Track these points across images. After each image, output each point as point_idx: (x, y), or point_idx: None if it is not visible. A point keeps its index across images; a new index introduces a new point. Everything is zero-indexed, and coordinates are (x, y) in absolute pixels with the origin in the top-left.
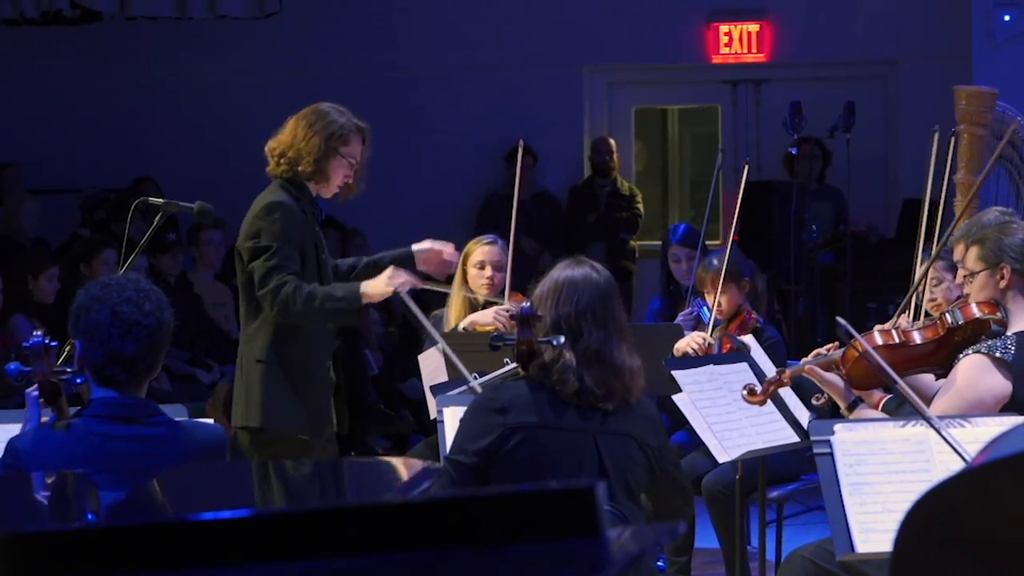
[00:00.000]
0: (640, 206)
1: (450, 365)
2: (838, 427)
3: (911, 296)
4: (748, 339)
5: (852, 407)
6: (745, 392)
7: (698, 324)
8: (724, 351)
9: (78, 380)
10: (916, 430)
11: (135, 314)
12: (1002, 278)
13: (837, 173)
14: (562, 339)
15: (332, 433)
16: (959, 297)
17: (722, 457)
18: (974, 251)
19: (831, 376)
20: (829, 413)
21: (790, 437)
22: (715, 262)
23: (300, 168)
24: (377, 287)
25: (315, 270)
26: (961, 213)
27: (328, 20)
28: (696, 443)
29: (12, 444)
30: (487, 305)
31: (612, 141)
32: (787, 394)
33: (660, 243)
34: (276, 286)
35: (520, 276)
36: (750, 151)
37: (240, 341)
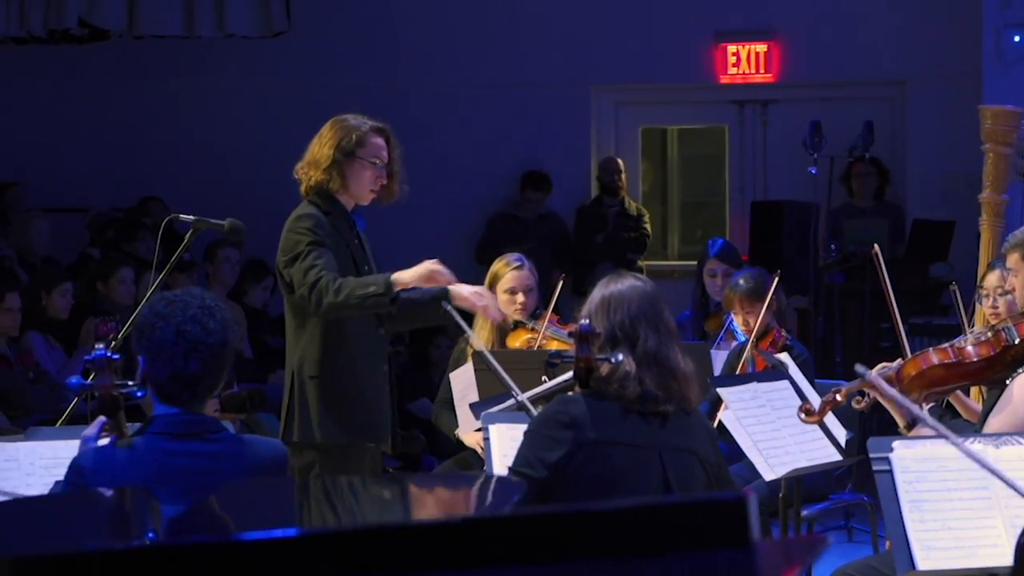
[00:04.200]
0: (648, 226)
1: (484, 381)
2: (897, 444)
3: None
4: (783, 357)
5: (911, 425)
6: (803, 413)
7: (729, 338)
8: (758, 369)
9: (139, 394)
10: (975, 447)
11: (199, 333)
12: None
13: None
14: (620, 356)
15: (388, 441)
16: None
17: (768, 475)
18: (1017, 256)
19: (894, 392)
20: (867, 417)
21: (833, 455)
22: (741, 282)
23: (323, 180)
24: (416, 272)
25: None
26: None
27: (335, 39)
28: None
29: (76, 462)
30: (517, 326)
31: (620, 161)
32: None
33: (664, 263)
34: (312, 283)
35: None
36: (756, 171)
37: (288, 356)
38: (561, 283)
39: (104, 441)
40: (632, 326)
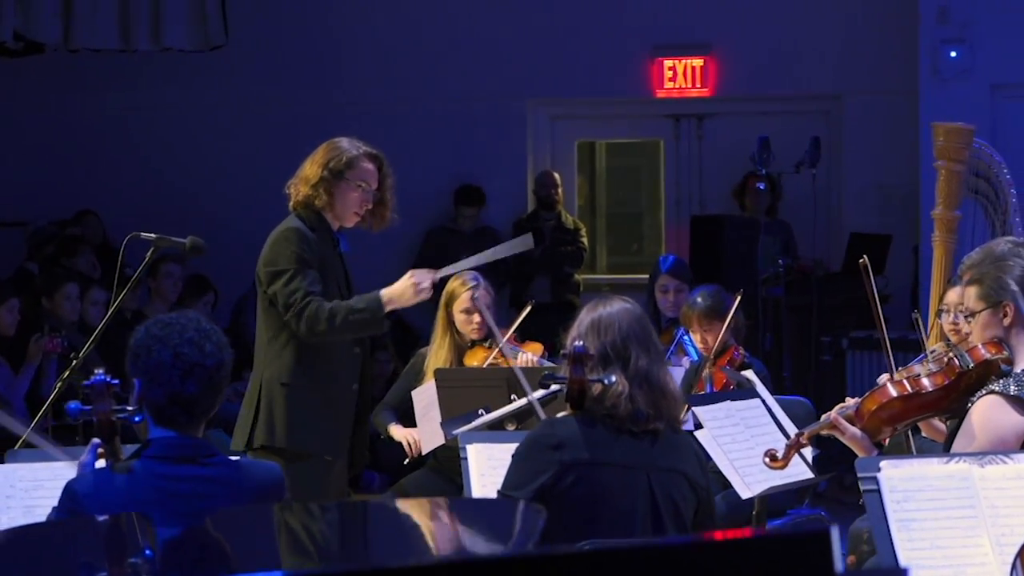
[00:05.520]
0: (584, 240)
1: (447, 399)
2: (884, 464)
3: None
4: (749, 374)
5: None
6: (767, 459)
7: (679, 353)
8: (718, 387)
9: (136, 419)
10: (960, 467)
11: (196, 355)
12: (1005, 315)
13: (786, 206)
14: (613, 378)
15: (346, 459)
16: None
17: (745, 493)
18: (973, 291)
19: (853, 430)
20: None
21: (805, 473)
22: (699, 300)
23: (310, 196)
24: (404, 294)
25: (337, 296)
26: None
27: (273, 54)
28: None
29: (71, 487)
30: (474, 345)
31: (556, 175)
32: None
33: (600, 276)
34: (300, 308)
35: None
36: (692, 186)
37: (257, 362)
38: (529, 307)
39: (100, 464)
40: (624, 345)
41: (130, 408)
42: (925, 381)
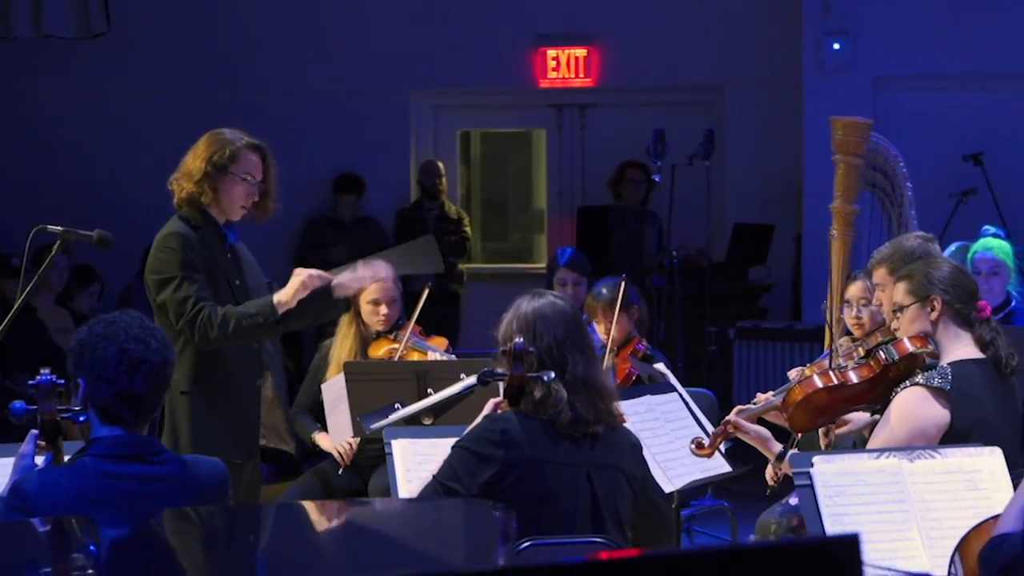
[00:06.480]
0: (468, 229)
1: (356, 392)
2: (817, 459)
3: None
4: (660, 367)
5: (780, 458)
6: (694, 446)
7: None
8: (620, 380)
9: (81, 419)
10: (890, 462)
11: (143, 352)
12: (933, 309)
13: (660, 198)
14: (552, 374)
15: (259, 457)
16: (885, 322)
17: (667, 487)
18: (902, 286)
19: (756, 429)
20: None
21: (724, 466)
22: (604, 291)
23: (194, 193)
24: (290, 291)
25: (228, 295)
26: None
27: (155, 42)
28: None
29: (18, 486)
30: (379, 336)
31: (440, 164)
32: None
33: (481, 266)
34: (192, 316)
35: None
36: (575, 175)
37: None
38: (427, 293)
39: (40, 460)
40: (560, 352)
41: (76, 408)
42: (851, 374)
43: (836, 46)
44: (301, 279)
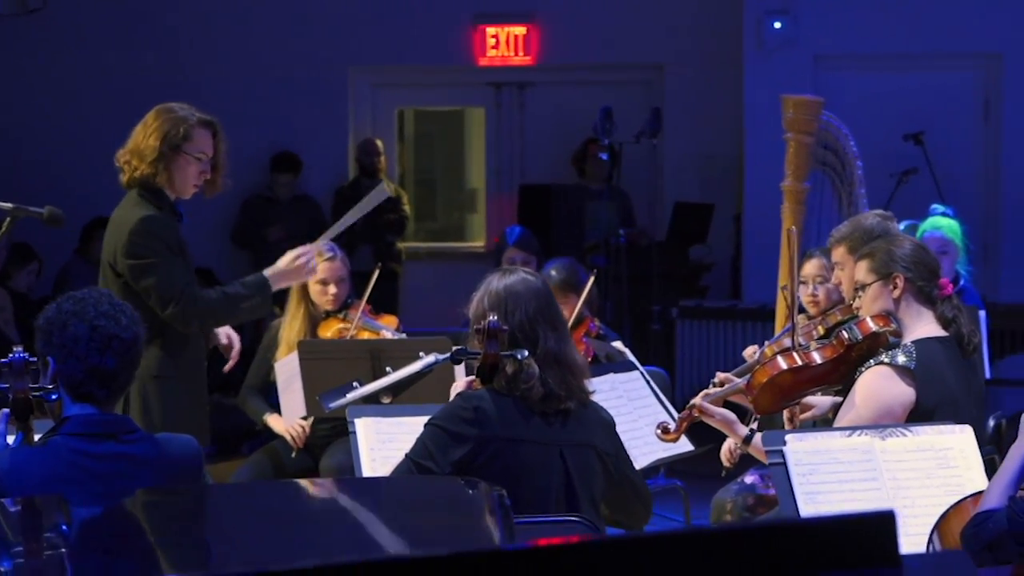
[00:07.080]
0: (407, 208)
1: (310, 371)
2: (789, 437)
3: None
4: (618, 345)
5: (747, 441)
6: (660, 431)
7: None
8: None
9: (52, 397)
10: (862, 439)
11: (113, 327)
12: (895, 287)
13: (621, 176)
14: (525, 352)
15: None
16: (841, 300)
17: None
18: (864, 264)
19: (723, 412)
20: None
21: (686, 445)
22: (554, 273)
23: (149, 174)
24: (295, 273)
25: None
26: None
27: (93, 18)
28: None
29: None
30: (328, 316)
31: (379, 142)
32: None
33: (419, 244)
34: (184, 304)
35: None
36: (514, 154)
37: None
38: (377, 272)
39: (11, 439)
40: (531, 327)
41: (48, 387)
42: (815, 355)
43: (777, 25)
44: (291, 260)
